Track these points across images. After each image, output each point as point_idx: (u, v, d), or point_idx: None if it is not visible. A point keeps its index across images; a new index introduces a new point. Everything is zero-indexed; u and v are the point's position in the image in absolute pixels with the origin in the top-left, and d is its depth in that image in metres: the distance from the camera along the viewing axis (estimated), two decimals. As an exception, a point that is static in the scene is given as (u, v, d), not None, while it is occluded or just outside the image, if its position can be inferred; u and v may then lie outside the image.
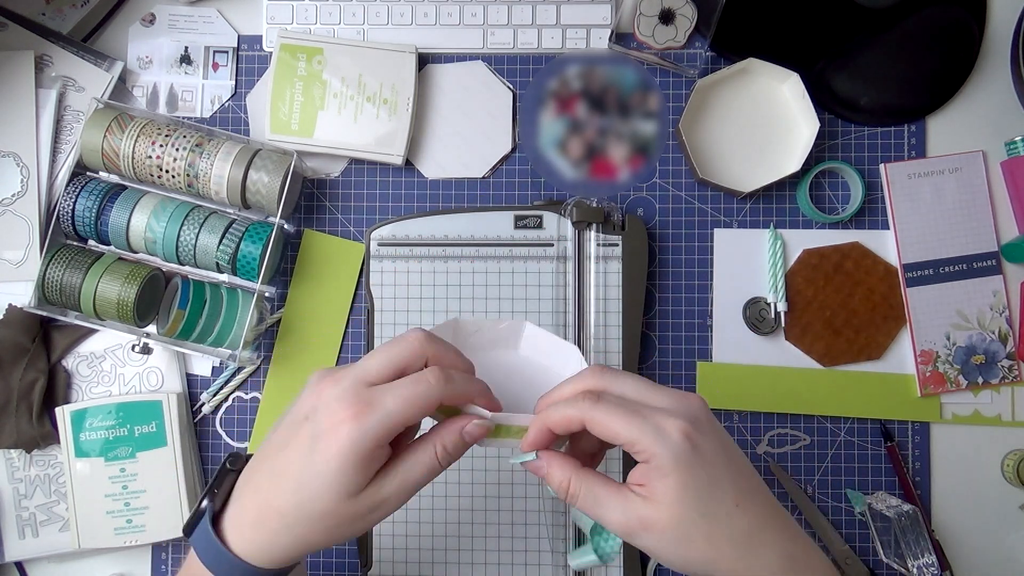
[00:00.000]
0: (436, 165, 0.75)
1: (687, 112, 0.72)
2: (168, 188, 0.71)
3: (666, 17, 0.73)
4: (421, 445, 0.44)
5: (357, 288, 0.74)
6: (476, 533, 0.70)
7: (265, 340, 0.74)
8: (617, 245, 0.71)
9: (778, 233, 0.73)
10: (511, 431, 0.45)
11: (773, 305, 0.72)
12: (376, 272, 0.72)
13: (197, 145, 0.69)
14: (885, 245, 0.74)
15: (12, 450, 0.71)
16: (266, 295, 0.72)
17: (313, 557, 0.73)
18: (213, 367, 0.74)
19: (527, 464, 0.45)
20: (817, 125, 0.71)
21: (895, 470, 0.72)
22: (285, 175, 0.69)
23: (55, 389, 0.72)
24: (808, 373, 0.73)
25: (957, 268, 0.73)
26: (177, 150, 0.68)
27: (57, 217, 0.69)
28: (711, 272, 0.74)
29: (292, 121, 0.72)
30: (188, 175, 0.69)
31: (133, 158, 0.69)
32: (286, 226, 0.72)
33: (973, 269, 0.73)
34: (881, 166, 0.74)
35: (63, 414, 0.70)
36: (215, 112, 0.75)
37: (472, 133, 0.75)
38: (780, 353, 0.73)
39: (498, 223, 0.71)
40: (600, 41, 0.74)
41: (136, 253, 0.71)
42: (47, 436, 0.71)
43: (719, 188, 0.73)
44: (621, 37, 0.74)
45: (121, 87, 0.75)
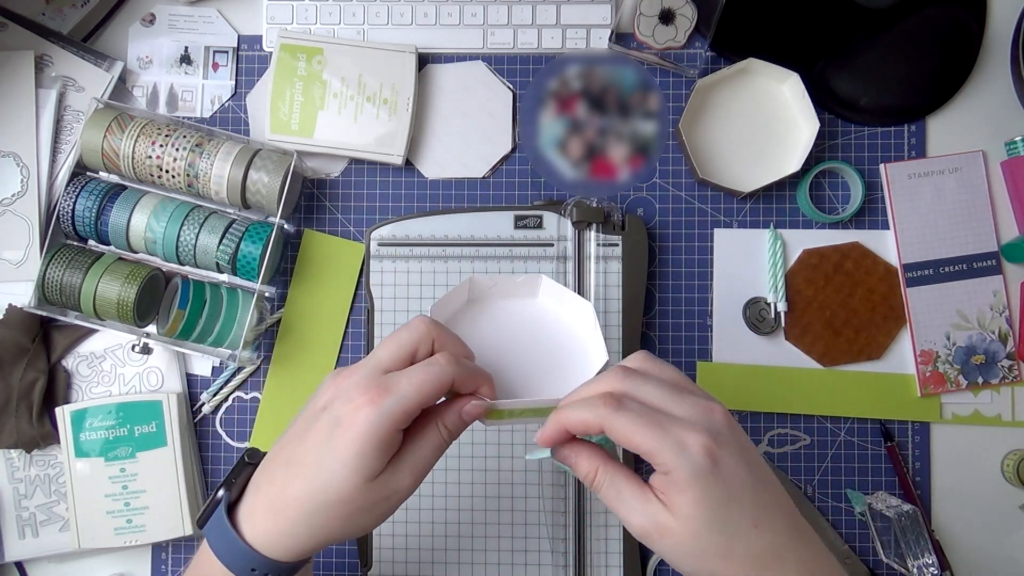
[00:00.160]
0: (436, 165, 0.75)
1: (687, 112, 0.72)
2: (168, 188, 0.71)
3: (666, 17, 0.73)
4: (426, 427, 0.45)
5: (357, 288, 0.74)
6: (476, 533, 0.70)
7: (265, 340, 0.74)
8: (617, 245, 0.71)
9: (778, 233, 0.73)
10: (513, 413, 0.46)
11: (773, 305, 0.72)
12: (376, 272, 0.72)
13: (197, 145, 0.69)
14: (885, 245, 0.74)
15: (12, 450, 0.71)
16: (266, 295, 0.72)
17: (314, 557, 0.73)
18: (213, 367, 0.74)
19: (556, 454, 0.46)
20: (817, 125, 0.71)
21: (895, 470, 0.72)
22: (285, 175, 0.69)
23: (55, 389, 0.72)
24: (808, 373, 0.73)
25: (957, 268, 0.73)
26: (177, 150, 0.68)
27: (57, 217, 0.69)
28: (711, 272, 0.74)
29: (292, 121, 0.72)
30: (188, 175, 0.69)
31: (133, 158, 0.69)
32: (286, 226, 0.72)
33: (973, 269, 0.73)
34: (881, 166, 0.74)
35: (63, 414, 0.70)
36: (215, 112, 0.75)
37: (472, 133, 0.75)
38: (780, 353, 0.73)
39: (498, 223, 0.71)
40: (600, 41, 0.74)
41: (136, 253, 0.71)
42: (47, 436, 0.71)
43: (719, 188, 0.73)
44: (621, 37, 0.74)
45: (121, 87, 0.75)
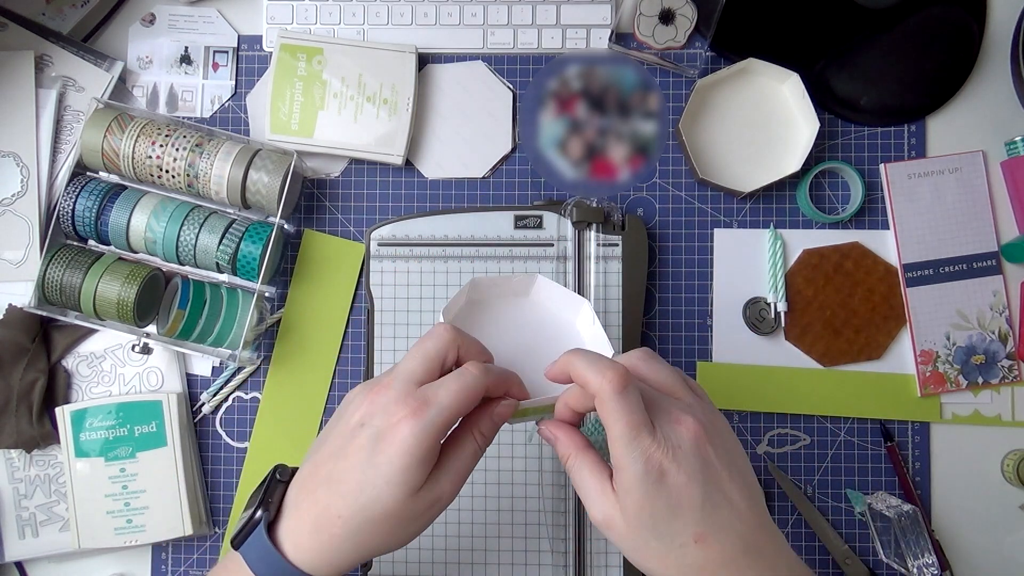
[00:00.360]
0: (436, 165, 0.75)
1: (687, 112, 0.72)
2: (168, 188, 0.71)
3: (666, 17, 0.73)
4: (461, 436, 0.46)
5: (357, 288, 0.74)
6: (476, 533, 0.70)
7: (265, 340, 0.74)
8: (617, 245, 0.71)
9: (778, 233, 0.73)
10: (535, 410, 0.48)
11: (773, 305, 0.72)
12: (376, 272, 0.72)
13: (197, 145, 0.69)
14: (885, 245, 0.74)
15: (12, 450, 0.71)
16: (266, 295, 0.72)
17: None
18: (213, 367, 0.74)
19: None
20: (817, 125, 0.71)
21: (895, 470, 0.72)
22: (285, 175, 0.69)
23: (55, 389, 0.72)
24: (808, 373, 0.73)
25: (957, 268, 0.73)
26: (177, 150, 0.68)
27: (57, 217, 0.69)
28: (711, 272, 0.74)
29: (292, 121, 0.72)
30: (188, 175, 0.69)
31: (133, 158, 0.69)
32: (286, 226, 0.72)
33: (973, 269, 0.73)
34: (881, 166, 0.74)
35: (63, 414, 0.70)
36: (215, 112, 0.75)
37: (472, 133, 0.75)
38: (780, 353, 0.73)
39: (498, 223, 0.71)
40: (600, 41, 0.74)
41: (136, 253, 0.71)
42: (47, 436, 0.71)
43: (719, 188, 0.73)
44: (621, 37, 0.74)
45: (121, 87, 0.75)
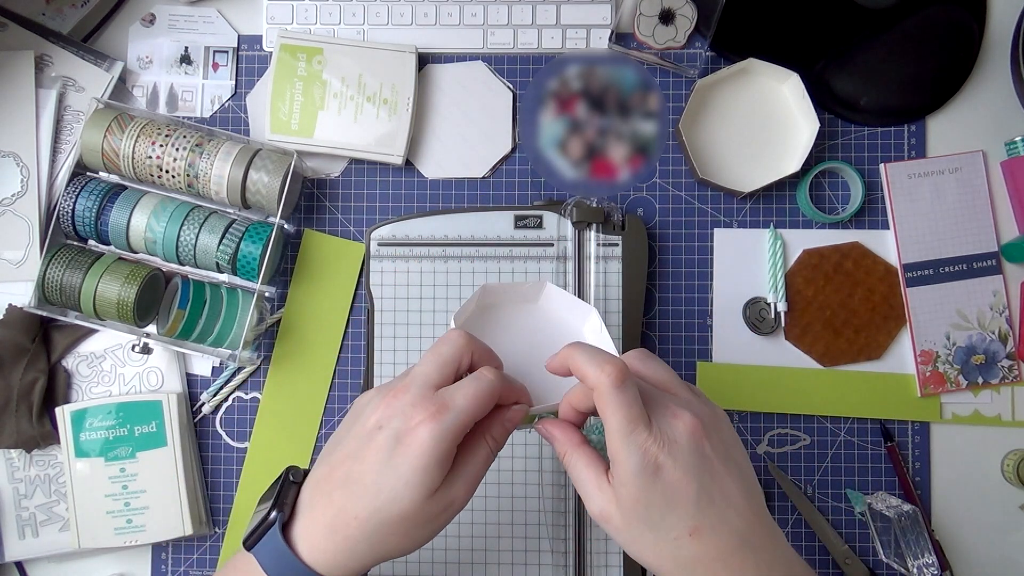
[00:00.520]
0: (436, 165, 0.75)
1: (687, 112, 0.72)
2: (168, 188, 0.71)
3: (666, 17, 0.73)
4: (474, 441, 0.47)
5: (357, 288, 0.74)
6: (476, 533, 0.70)
7: (265, 340, 0.74)
8: (617, 245, 0.71)
9: (778, 233, 0.73)
10: (532, 418, 0.50)
11: (773, 305, 0.72)
12: (376, 272, 0.72)
13: (197, 145, 0.69)
14: (885, 245, 0.74)
15: (12, 450, 0.71)
16: (266, 295, 0.72)
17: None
18: (213, 367, 0.74)
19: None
20: (817, 125, 0.71)
21: (895, 470, 0.72)
22: (285, 175, 0.69)
23: (55, 389, 0.72)
24: (808, 373, 0.73)
25: (957, 268, 0.73)
26: (177, 150, 0.68)
27: (57, 217, 0.69)
28: (711, 272, 0.74)
29: (292, 121, 0.72)
30: (188, 175, 0.69)
31: (133, 158, 0.69)
32: (286, 226, 0.72)
33: (973, 269, 0.73)
34: (881, 166, 0.74)
35: (63, 414, 0.70)
36: (215, 112, 0.75)
37: (472, 133, 0.75)
38: (780, 353, 0.73)
39: (498, 223, 0.71)
40: (600, 41, 0.74)
41: (136, 253, 0.71)
42: (47, 436, 0.71)
43: (719, 188, 0.73)
44: (621, 37, 0.74)
45: (121, 87, 0.75)
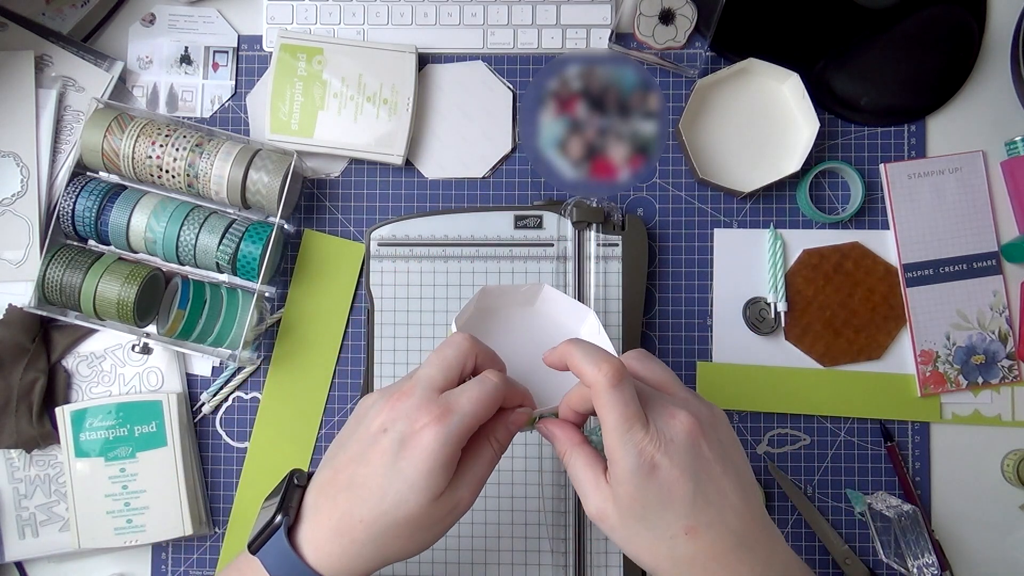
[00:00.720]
0: (436, 165, 0.75)
1: (687, 112, 0.72)
2: (168, 188, 0.71)
3: (666, 17, 0.73)
4: (478, 443, 0.47)
5: (357, 288, 0.74)
6: (476, 533, 0.70)
7: (265, 340, 0.74)
8: (617, 245, 0.71)
9: (778, 233, 0.73)
10: (534, 420, 0.50)
11: (773, 305, 0.72)
12: (376, 272, 0.72)
13: (197, 145, 0.69)
14: (885, 245, 0.74)
15: (12, 450, 0.71)
16: (266, 295, 0.72)
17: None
18: (213, 367, 0.74)
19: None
20: (817, 125, 0.71)
21: (895, 470, 0.72)
22: (285, 175, 0.69)
23: (55, 389, 0.72)
24: (808, 373, 0.73)
25: (957, 268, 0.73)
26: (177, 150, 0.68)
27: (57, 217, 0.69)
28: (711, 272, 0.74)
29: (292, 121, 0.72)
30: (188, 175, 0.69)
31: (133, 158, 0.69)
32: (286, 226, 0.72)
33: (973, 269, 0.73)
34: (881, 166, 0.74)
35: (63, 414, 0.70)
36: (215, 112, 0.75)
37: (472, 133, 0.75)
38: (780, 353, 0.73)
39: (498, 223, 0.71)
40: (600, 41, 0.74)
41: (136, 253, 0.71)
42: (47, 436, 0.71)
43: (719, 188, 0.73)
44: (621, 37, 0.74)
45: (121, 87, 0.75)
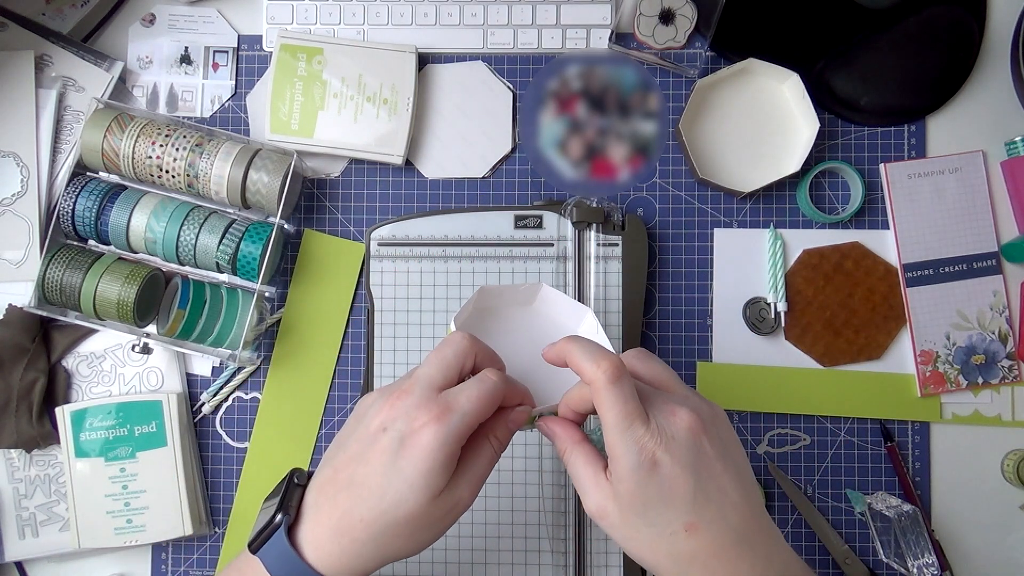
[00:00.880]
0: (436, 165, 0.75)
1: (687, 112, 0.72)
2: (168, 188, 0.71)
3: (666, 17, 0.73)
4: (478, 442, 0.47)
5: (357, 288, 0.74)
6: (476, 533, 0.70)
7: (265, 340, 0.74)
8: (617, 245, 0.71)
9: (778, 233, 0.73)
10: (533, 419, 0.50)
11: (773, 305, 0.72)
12: (376, 272, 0.72)
13: (197, 145, 0.69)
14: (885, 245, 0.74)
15: (12, 450, 0.71)
16: (266, 295, 0.72)
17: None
18: (213, 367, 0.74)
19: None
20: (817, 125, 0.71)
21: (895, 470, 0.72)
22: (285, 175, 0.69)
23: (55, 389, 0.72)
24: (808, 373, 0.73)
25: (957, 268, 0.73)
26: (177, 150, 0.68)
27: (57, 217, 0.69)
28: (711, 272, 0.74)
29: (292, 121, 0.72)
30: (188, 175, 0.69)
31: (133, 158, 0.69)
32: (286, 226, 0.73)
33: (973, 269, 0.73)
34: (881, 166, 0.74)
35: (63, 414, 0.70)
36: (215, 112, 0.75)
37: (472, 133, 0.75)
38: (780, 353, 0.73)
39: (498, 223, 0.71)
40: (600, 41, 0.74)
41: (136, 253, 0.71)
42: (47, 436, 0.71)
43: (719, 188, 0.73)
44: (621, 37, 0.74)
45: (121, 87, 0.75)
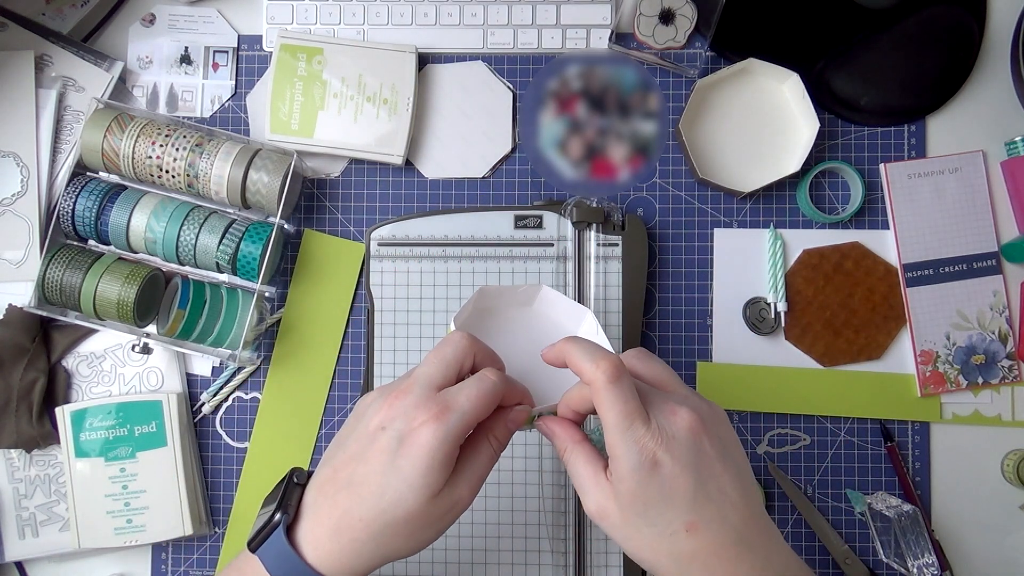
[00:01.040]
0: (436, 165, 0.75)
1: (687, 112, 0.72)
2: (168, 188, 0.71)
3: (666, 17, 0.73)
4: (477, 441, 0.47)
5: (357, 288, 0.74)
6: (476, 533, 0.70)
7: (265, 340, 0.74)
8: (617, 245, 0.71)
9: (778, 233, 0.73)
10: (532, 419, 0.50)
11: (773, 305, 0.72)
12: (376, 272, 0.72)
13: (197, 145, 0.69)
14: (885, 245, 0.74)
15: (12, 450, 0.71)
16: (266, 295, 0.72)
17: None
18: (213, 367, 0.74)
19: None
20: (817, 125, 0.71)
21: (895, 470, 0.72)
22: (285, 175, 0.69)
23: (55, 389, 0.72)
24: (808, 373, 0.73)
25: (957, 268, 0.73)
26: (177, 150, 0.68)
27: (57, 217, 0.69)
28: (711, 272, 0.74)
29: (292, 121, 0.72)
30: (188, 175, 0.69)
31: (133, 158, 0.69)
32: (286, 226, 0.73)
33: (973, 269, 0.73)
34: (881, 166, 0.74)
35: (63, 414, 0.70)
36: (215, 112, 0.75)
37: (472, 133, 0.75)
38: (780, 353, 0.73)
39: (498, 223, 0.71)
40: (600, 41, 0.74)
41: (136, 253, 0.71)
42: (47, 436, 0.71)
43: (719, 188, 0.73)
44: (621, 37, 0.74)
45: (121, 87, 0.75)
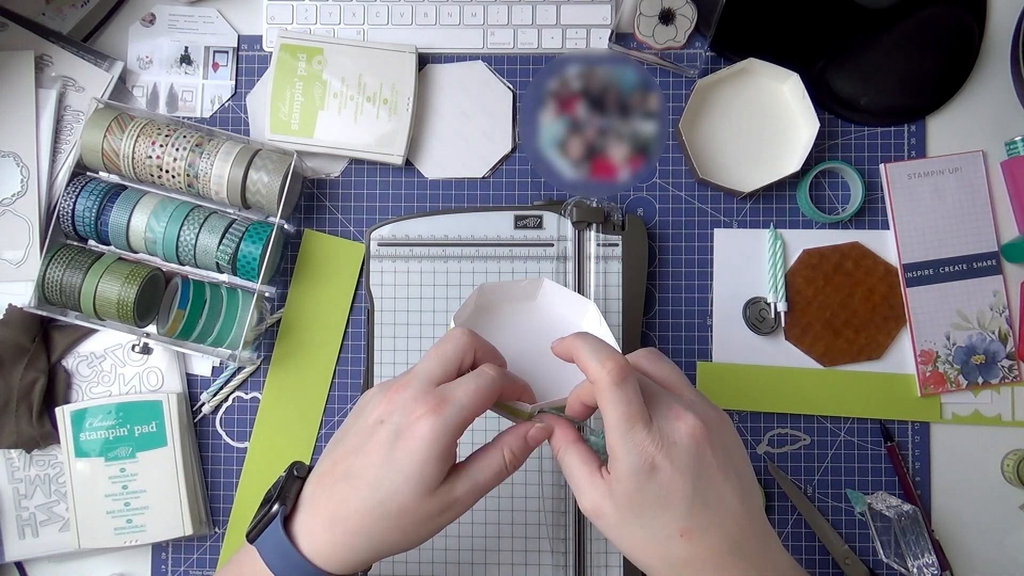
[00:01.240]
0: (436, 165, 0.75)
1: (687, 112, 0.72)
2: (168, 188, 0.71)
3: (666, 17, 0.73)
4: (490, 450, 0.47)
5: (357, 288, 0.74)
6: (476, 533, 0.70)
7: (265, 340, 0.74)
8: (617, 245, 0.71)
9: (778, 233, 0.73)
10: (533, 415, 0.50)
11: (773, 305, 0.72)
12: (376, 272, 0.72)
13: (197, 145, 0.69)
14: (885, 245, 0.74)
15: (12, 450, 0.71)
16: (266, 295, 0.72)
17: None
18: (213, 367, 0.74)
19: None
20: (817, 125, 0.71)
21: (895, 470, 0.72)
22: (285, 175, 0.69)
23: (55, 389, 0.72)
24: (808, 373, 0.73)
25: (957, 268, 0.73)
26: (177, 150, 0.68)
27: (57, 217, 0.69)
28: (711, 272, 0.74)
29: (292, 121, 0.72)
30: (188, 175, 0.69)
31: (133, 158, 0.69)
32: (286, 226, 0.73)
33: (973, 269, 0.73)
34: (881, 166, 0.74)
35: (63, 414, 0.70)
36: (215, 112, 0.75)
37: (472, 133, 0.75)
38: (780, 353, 0.73)
39: (498, 223, 0.71)
40: (600, 41, 0.74)
41: (136, 253, 0.71)
42: (47, 436, 0.71)
43: (719, 188, 0.73)
44: (621, 37, 0.74)
45: (121, 87, 0.75)
